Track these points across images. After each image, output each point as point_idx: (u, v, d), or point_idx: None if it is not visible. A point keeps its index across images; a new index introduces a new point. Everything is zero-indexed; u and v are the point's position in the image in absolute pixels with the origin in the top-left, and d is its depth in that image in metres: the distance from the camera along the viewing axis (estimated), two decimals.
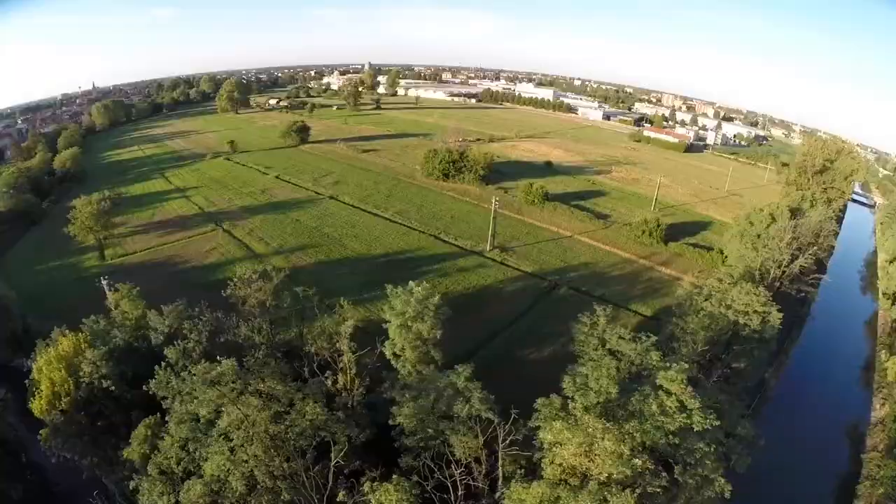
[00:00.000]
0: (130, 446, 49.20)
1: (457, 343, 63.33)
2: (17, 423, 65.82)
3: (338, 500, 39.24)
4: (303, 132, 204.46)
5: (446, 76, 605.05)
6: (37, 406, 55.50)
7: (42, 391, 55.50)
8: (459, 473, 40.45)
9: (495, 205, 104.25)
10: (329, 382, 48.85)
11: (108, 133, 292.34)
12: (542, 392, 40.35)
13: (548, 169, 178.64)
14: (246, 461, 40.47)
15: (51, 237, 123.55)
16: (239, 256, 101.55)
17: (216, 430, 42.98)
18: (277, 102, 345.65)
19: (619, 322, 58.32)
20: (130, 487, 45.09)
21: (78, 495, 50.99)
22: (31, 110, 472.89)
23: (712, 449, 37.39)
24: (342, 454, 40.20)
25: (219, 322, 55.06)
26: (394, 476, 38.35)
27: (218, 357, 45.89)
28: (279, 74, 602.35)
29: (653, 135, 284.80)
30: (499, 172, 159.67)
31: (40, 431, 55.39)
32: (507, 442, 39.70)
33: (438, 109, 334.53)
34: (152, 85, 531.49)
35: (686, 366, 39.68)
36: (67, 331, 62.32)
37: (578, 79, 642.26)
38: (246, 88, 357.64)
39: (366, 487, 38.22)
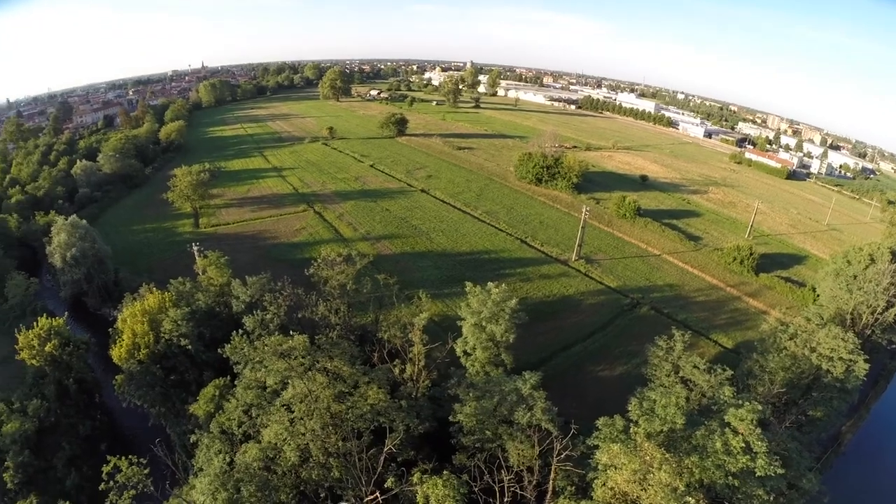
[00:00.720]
0: (198, 403, 56.01)
1: (529, 349, 65.86)
2: (95, 366, 77.09)
3: (385, 485, 42.64)
4: (401, 124, 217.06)
5: (547, 80, 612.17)
6: (116, 353, 64.67)
7: (123, 340, 64.64)
8: (509, 480, 42.66)
9: (585, 214, 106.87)
10: (396, 371, 53.07)
11: (212, 110, 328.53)
12: (606, 411, 42.00)
13: (642, 183, 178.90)
14: (303, 434, 44.98)
15: (150, 201, 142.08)
16: (326, 238, 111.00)
17: (279, 401, 48.04)
18: (378, 94, 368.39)
19: (696, 350, 58.67)
20: (191, 440, 51.46)
21: (140, 440, 58.11)
22: (141, 83, 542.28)
23: (771, 498, 37.38)
24: (397, 442, 43.59)
25: (298, 298, 61.25)
26: (444, 472, 41.24)
27: (292, 331, 51.32)
28: (382, 67, 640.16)
29: (754, 157, 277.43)
30: (592, 182, 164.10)
31: (116, 377, 64.80)
32: (563, 456, 41.42)
33: (537, 113, 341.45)
34: (258, 68, 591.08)
35: (759, 406, 39.77)
36: (155, 288, 72.48)
37: (682, 92, 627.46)
38: (348, 78, 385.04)
39: (415, 478, 41.46)
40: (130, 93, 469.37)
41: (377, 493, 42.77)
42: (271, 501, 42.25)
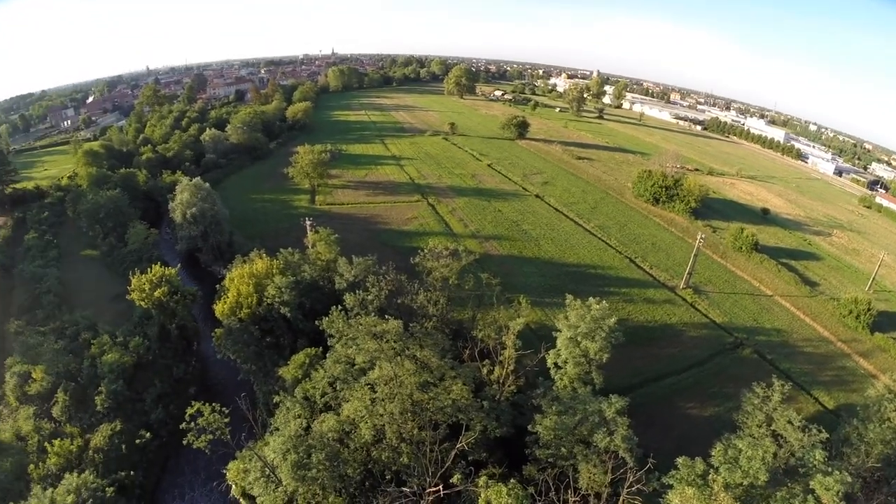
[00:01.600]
0: (287, 367, 63.83)
1: (621, 372, 67.77)
2: (198, 316, 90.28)
3: (451, 480, 46.67)
4: (522, 127, 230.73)
5: (674, 97, 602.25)
6: (219, 309, 74.78)
7: (228, 298, 74.74)
8: (574, 502, 45.20)
9: (700, 242, 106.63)
10: (484, 371, 57.48)
11: (339, 95, 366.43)
12: (688, 451, 43.49)
13: (763, 216, 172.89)
14: (381, 415, 50.35)
15: (270, 174, 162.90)
16: (436, 230, 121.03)
17: (365, 379, 54.05)
18: (502, 94, 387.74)
19: (793, 404, 57.59)
20: (274, 401, 58.67)
21: (226, 392, 67.02)
22: (273, 63, 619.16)
23: None
24: (471, 441, 47.57)
25: (400, 284, 67.91)
26: (511, 480, 44.53)
27: (388, 315, 57.27)
28: (507, 68, 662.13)
29: (885, 203, 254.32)
30: (710, 209, 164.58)
31: (215, 330, 75.14)
32: (634, 488, 43.39)
33: (661, 130, 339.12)
34: (386, 59, 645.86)
35: (849, 478, 39.55)
36: (264, 254, 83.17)
37: (814, 123, 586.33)
38: (474, 76, 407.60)
39: (481, 481, 45.22)
40: (262, 71, 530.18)
41: (440, 487, 46.98)
42: (337, 472, 47.70)
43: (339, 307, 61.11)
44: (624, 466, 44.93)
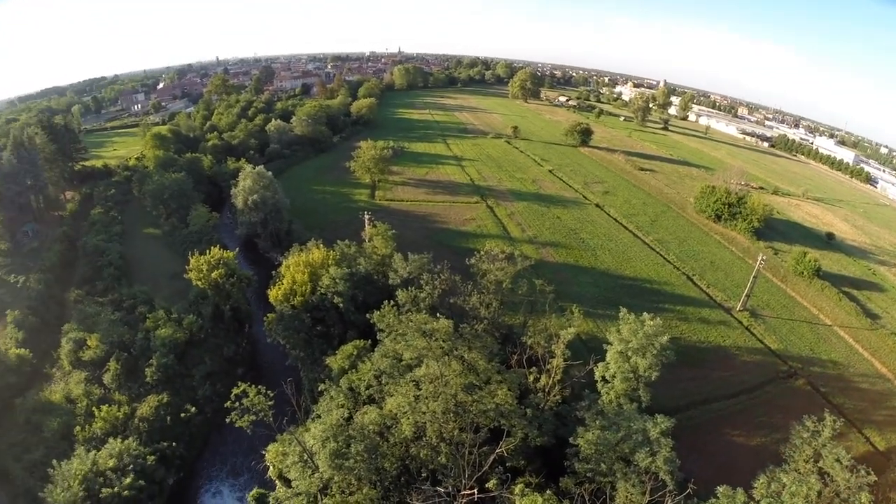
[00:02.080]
0: (335, 356, 66.58)
1: (668, 392, 67.38)
2: (252, 300, 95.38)
3: (487, 485, 47.72)
4: (585, 135, 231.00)
5: (742, 111, 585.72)
6: (273, 294, 78.18)
7: (283, 284, 78.21)
8: None
9: (760, 264, 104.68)
10: (531, 378, 58.42)
11: (403, 93, 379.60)
12: (731, 480, 43.14)
13: (827, 241, 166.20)
14: (424, 413, 51.77)
15: (332, 167, 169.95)
16: (493, 233, 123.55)
17: (410, 375, 55.73)
18: (566, 100, 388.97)
19: (844, 441, 55.88)
20: (319, 389, 60.97)
21: (273, 376, 70.02)
22: (340, 59, 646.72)
23: None
24: (511, 447, 48.52)
25: (454, 284, 69.58)
26: (548, 491, 45.21)
27: (439, 314, 58.97)
28: (573, 74, 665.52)
29: None
30: (773, 230, 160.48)
31: (267, 315, 78.70)
32: None
33: (726, 145, 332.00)
34: (451, 60, 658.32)
35: None
36: (321, 245, 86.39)
37: (885, 146, 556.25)
38: (538, 80, 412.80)
39: (517, 488, 46.03)
40: (329, 66, 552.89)
41: (475, 491, 47.79)
42: (374, 465, 49.13)
43: (392, 302, 63.45)
44: (663, 489, 44.98)
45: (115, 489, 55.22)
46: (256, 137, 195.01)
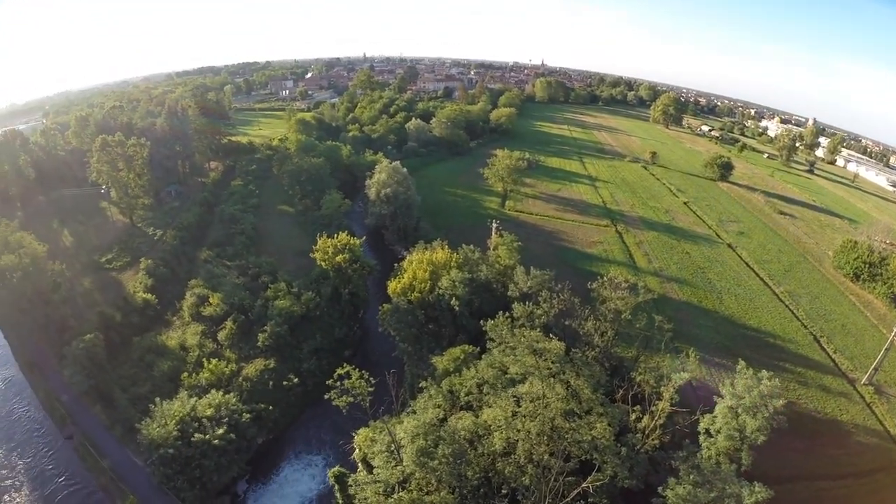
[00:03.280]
0: (442, 357, 68.96)
1: (772, 459, 63.41)
2: (370, 288, 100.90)
3: None
4: (725, 169, 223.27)
5: (895, 160, 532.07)
6: (393, 286, 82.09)
7: (403, 278, 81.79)
8: None
9: (895, 336, 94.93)
10: (632, 417, 57.36)
11: (543, 106, 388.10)
12: None
13: None
14: (518, 430, 52.49)
15: (466, 171, 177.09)
16: (618, 260, 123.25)
17: (512, 391, 56.55)
18: (709, 130, 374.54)
19: None
20: (420, 385, 63.46)
21: (378, 364, 73.11)
22: (483, 66, 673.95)
23: None
24: (597, 484, 47.97)
25: (572, 306, 69.63)
26: None
27: (552, 335, 59.53)
28: (718, 103, 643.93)
29: None
30: None
31: (383, 305, 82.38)
32: None
33: (875, 196, 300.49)
34: (594, 76, 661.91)
35: None
36: (446, 245, 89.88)
37: None
38: (682, 106, 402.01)
39: None
40: (472, 73, 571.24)
41: None
42: (458, 471, 50.20)
43: (506, 314, 64.49)
44: None
45: (207, 436, 60.74)
46: (395, 134, 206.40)
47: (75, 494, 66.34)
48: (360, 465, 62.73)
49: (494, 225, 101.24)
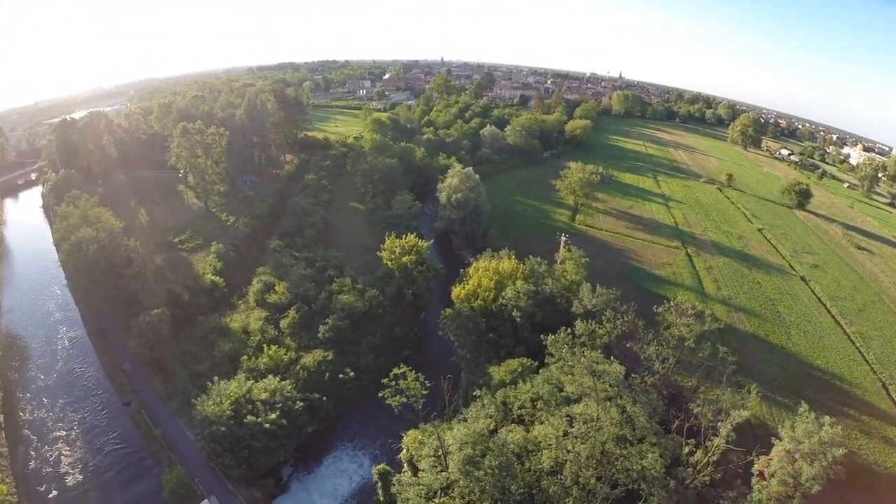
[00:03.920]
0: (499, 367, 69.66)
1: None
2: (435, 291, 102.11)
3: None
4: (804, 196, 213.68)
5: None
6: (457, 291, 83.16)
7: (467, 285, 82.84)
8: None
9: None
10: (685, 450, 55.90)
11: (619, 119, 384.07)
12: None
13: None
14: (568, 451, 52.29)
15: (538, 181, 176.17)
16: (686, 284, 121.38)
17: (566, 410, 56.37)
18: (788, 154, 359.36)
19: None
20: (474, 393, 63.47)
21: (434, 367, 72.76)
22: (560, 76, 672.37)
23: None
24: None
25: (635, 328, 68.29)
26: None
27: (613, 357, 58.87)
28: (799, 126, 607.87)
29: None
30: None
31: (445, 309, 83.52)
32: None
33: None
34: (672, 92, 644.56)
35: None
36: (513, 255, 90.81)
37: None
38: (761, 128, 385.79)
39: None
40: (549, 82, 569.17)
41: None
42: (502, 484, 50.21)
43: (568, 330, 63.72)
44: None
45: (259, 419, 63.30)
46: (469, 139, 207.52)
47: (126, 457, 71.00)
48: (405, 465, 63.69)
49: (563, 239, 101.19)
